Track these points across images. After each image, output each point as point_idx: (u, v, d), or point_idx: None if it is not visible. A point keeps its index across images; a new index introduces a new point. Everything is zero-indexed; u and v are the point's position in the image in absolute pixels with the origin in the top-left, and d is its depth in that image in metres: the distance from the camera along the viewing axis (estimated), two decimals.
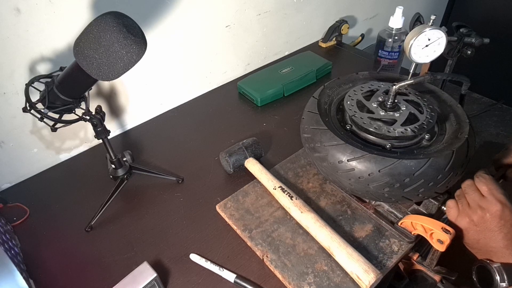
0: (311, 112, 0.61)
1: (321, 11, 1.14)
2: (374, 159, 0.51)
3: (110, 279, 0.56)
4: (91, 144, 0.85)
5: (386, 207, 0.62)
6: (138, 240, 0.63)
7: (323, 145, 0.56)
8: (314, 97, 0.64)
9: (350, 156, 0.53)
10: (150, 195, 0.71)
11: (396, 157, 0.51)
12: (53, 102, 0.57)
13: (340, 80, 0.68)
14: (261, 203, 0.65)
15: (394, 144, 0.55)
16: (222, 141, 0.81)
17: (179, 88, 0.94)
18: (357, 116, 0.57)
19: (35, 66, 0.69)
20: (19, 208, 0.70)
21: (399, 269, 0.60)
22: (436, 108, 0.61)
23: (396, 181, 0.51)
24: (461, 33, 0.65)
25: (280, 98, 0.95)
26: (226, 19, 0.93)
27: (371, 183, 0.52)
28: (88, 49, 0.47)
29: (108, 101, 0.83)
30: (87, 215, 0.66)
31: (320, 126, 0.58)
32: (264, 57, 1.09)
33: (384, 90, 0.61)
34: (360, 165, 0.52)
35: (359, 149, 0.52)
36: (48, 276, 0.59)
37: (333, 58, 1.07)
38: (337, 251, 0.54)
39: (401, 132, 0.54)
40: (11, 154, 0.74)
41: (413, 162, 0.50)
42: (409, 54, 0.53)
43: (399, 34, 0.90)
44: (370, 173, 0.51)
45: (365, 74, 0.69)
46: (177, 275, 0.58)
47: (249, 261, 0.58)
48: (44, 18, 0.65)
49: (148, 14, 0.78)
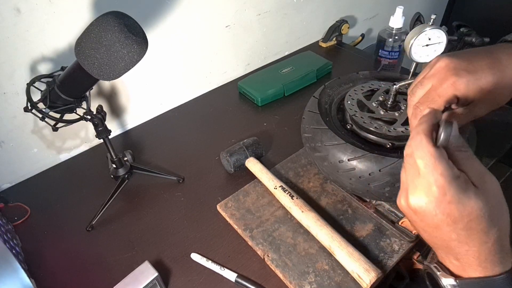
0: (312, 111, 0.61)
1: (321, 11, 1.15)
2: (375, 158, 0.51)
3: (111, 278, 0.56)
4: (91, 144, 0.85)
5: (386, 206, 0.62)
6: (139, 240, 0.63)
7: (324, 145, 0.56)
8: (315, 96, 0.64)
9: (351, 156, 0.53)
10: (151, 194, 0.71)
11: (397, 156, 0.51)
12: (54, 102, 0.57)
13: (340, 80, 0.68)
14: (262, 202, 0.65)
15: (395, 143, 0.55)
16: (222, 140, 0.81)
17: (179, 88, 0.94)
18: (358, 116, 0.57)
19: (35, 66, 0.69)
20: (20, 208, 0.70)
21: (399, 268, 0.61)
22: None
23: (397, 181, 0.51)
24: (462, 33, 0.65)
25: (280, 98, 0.95)
26: (226, 19, 0.93)
27: (371, 183, 0.52)
28: (89, 48, 0.47)
29: (109, 101, 0.83)
30: (88, 215, 0.66)
31: (320, 125, 0.58)
32: (264, 57, 1.09)
33: (385, 90, 0.61)
34: (361, 165, 0.52)
35: (360, 148, 0.53)
36: (49, 275, 0.59)
37: (333, 58, 1.07)
38: (338, 250, 0.54)
39: (401, 132, 0.54)
40: (11, 154, 0.74)
41: None
42: (410, 53, 0.53)
43: (399, 34, 0.90)
44: (371, 172, 0.51)
45: (365, 74, 0.69)
46: (178, 274, 0.58)
47: (250, 261, 0.58)
48: (44, 18, 0.65)
49: (148, 14, 0.79)
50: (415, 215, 0.35)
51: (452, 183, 0.32)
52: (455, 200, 0.32)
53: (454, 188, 0.32)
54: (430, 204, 0.33)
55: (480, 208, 0.32)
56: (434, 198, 0.33)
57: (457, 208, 0.32)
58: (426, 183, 0.33)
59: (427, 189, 0.33)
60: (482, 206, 0.32)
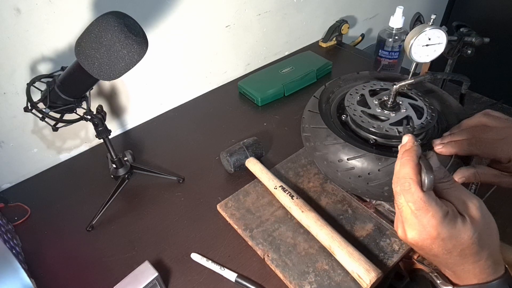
0: (312, 111, 0.61)
1: (321, 11, 1.15)
2: (374, 158, 0.51)
3: (111, 278, 0.56)
4: (91, 144, 0.85)
5: (386, 206, 0.62)
6: (139, 240, 0.63)
7: (324, 144, 0.56)
8: (315, 96, 0.64)
9: (350, 155, 0.53)
10: (151, 194, 0.71)
11: (396, 156, 0.51)
12: (55, 102, 0.57)
13: (340, 80, 0.68)
14: (262, 202, 0.65)
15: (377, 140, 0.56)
16: (222, 140, 0.81)
17: (179, 88, 0.94)
18: (351, 108, 0.58)
19: (35, 66, 0.69)
20: (20, 208, 0.70)
21: (399, 268, 0.61)
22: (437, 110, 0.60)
23: None
24: (461, 33, 0.65)
25: (280, 98, 0.95)
26: (226, 19, 0.93)
27: (371, 182, 0.52)
28: (89, 48, 0.47)
29: (109, 101, 0.83)
30: (88, 215, 0.66)
31: (320, 125, 0.58)
32: (264, 57, 1.09)
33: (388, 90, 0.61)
34: (360, 164, 0.52)
35: (359, 148, 0.53)
36: (49, 275, 0.59)
37: (333, 58, 1.07)
38: (338, 250, 0.54)
39: (385, 130, 0.54)
40: (11, 154, 0.74)
41: None
42: (410, 53, 0.53)
43: (399, 34, 0.90)
44: (370, 171, 0.51)
45: (365, 74, 0.69)
46: (178, 274, 0.58)
47: (250, 261, 0.58)
48: (44, 18, 0.65)
49: (148, 14, 0.79)
50: (413, 245, 0.39)
51: (443, 222, 0.35)
52: (448, 236, 0.36)
53: (445, 226, 0.35)
54: (426, 241, 0.37)
55: (469, 237, 0.36)
56: (428, 236, 0.36)
57: (450, 241, 0.36)
58: (420, 224, 0.36)
59: (422, 229, 0.36)
60: (471, 234, 0.36)
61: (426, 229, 0.36)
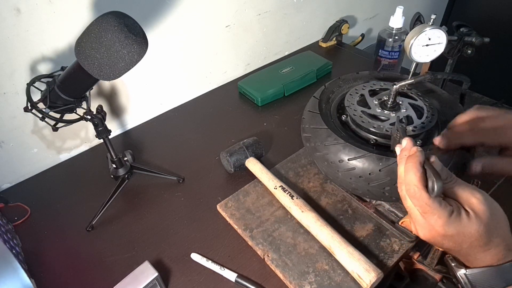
0: (312, 111, 0.61)
1: (321, 11, 1.15)
2: (375, 158, 0.51)
3: (111, 278, 0.56)
4: (91, 144, 0.85)
5: (386, 206, 0.62)
6: (139, 240, 0.63)
7: (324, 145, 0.56)
8: (315, 97, 0.64)
9: (351, 155, 0.53)
10: (151, 194, 0.71)
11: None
12: (54, 102, 0.57)
13: (340, 80, 0.68)
14: (262, 202, 0.65)
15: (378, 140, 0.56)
16: (222, 140, 0.81)
17: (179, 88, 0.94)
18: (351, 108, 0.58)
19: (35, 66, 0.69)
20: (20, 208, 0.70)
21: (399, 268, 0.61)
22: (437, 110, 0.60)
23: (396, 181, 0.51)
24: (461, 33, 0.65)
25: (280, 98, 0.95)
26: (226, 19, 0.93)
27: (371, 182, 0.52)
28: (89, 48, 0.47)
29: (109, 101, 0.83)
30: (88, 215, 0.66)
31: (320, 125, 0.58)
32: (264, 57, 1.09)
33: (388, 90, 0.61)
34: (361, 164, 0.52)
35: (360, 148, 0.53)
36: (49, 275, 0.59)
37: (333, 58, 1.07)
38: (338, 250, 0.54)
39: (386, 130, 0.54)
40: (11, 154, 0.74)
41: None
42: (410, 53, 0.53)
43: (399, 33, 0.90)
44: (371, 172, 0.51)
45: (365, 74, 0.69)
46: (178, 274, 0.58)
47: (250, 261, 0.58)
48: (44, 18, 0.65)
49: (148, 14, 0.79)
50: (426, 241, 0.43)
51: (449, 221, 0.38)
52: (455, 233, 0.39)
53: (451, 224, 0.38)
54: (437, 238, 0.40)
55: (476, 230, 0.38)
56: (438, 234, 0.40)
57: (459, 236, 0.39)
58: (428, 224, 0.40)
59: (431, 228, 0.40)
60: (477, 228, 0.38)
61: (435, 228, 0.39)
